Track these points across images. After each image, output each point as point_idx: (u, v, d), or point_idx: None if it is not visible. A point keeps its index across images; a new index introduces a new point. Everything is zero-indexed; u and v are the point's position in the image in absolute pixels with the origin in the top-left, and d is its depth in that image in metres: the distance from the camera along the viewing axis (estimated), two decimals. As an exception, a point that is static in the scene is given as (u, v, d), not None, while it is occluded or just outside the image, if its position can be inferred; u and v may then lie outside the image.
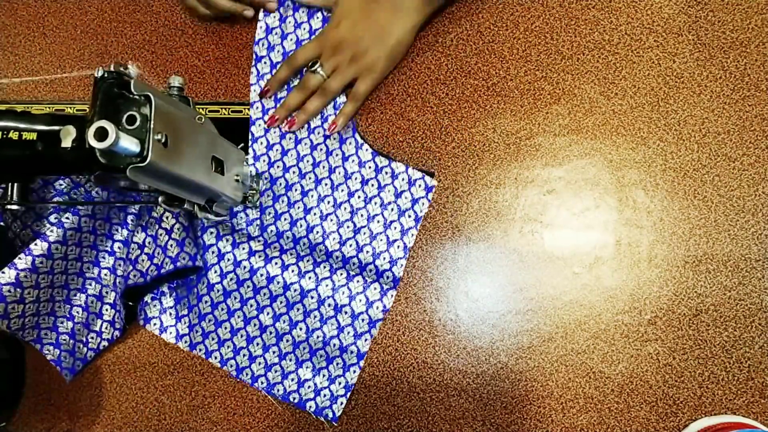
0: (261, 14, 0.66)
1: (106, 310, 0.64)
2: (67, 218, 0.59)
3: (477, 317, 0.62)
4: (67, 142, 0.45)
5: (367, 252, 0.63)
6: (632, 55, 0.64)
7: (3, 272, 0.55)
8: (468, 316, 0.62)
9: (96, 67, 0.45)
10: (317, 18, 0.66)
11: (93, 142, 0.41)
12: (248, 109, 0.66)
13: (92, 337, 0.63)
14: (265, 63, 0.66)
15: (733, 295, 0.60)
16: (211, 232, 0.63)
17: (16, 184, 0.50)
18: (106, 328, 0.64)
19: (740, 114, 0.62)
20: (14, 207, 0.50)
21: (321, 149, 0.64)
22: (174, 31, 0.69)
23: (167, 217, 0.60)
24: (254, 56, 0.66)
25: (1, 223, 0.61)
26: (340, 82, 0.62)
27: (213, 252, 0.63)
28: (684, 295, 0.60)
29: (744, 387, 0.59)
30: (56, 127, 0.46)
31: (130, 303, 0.64)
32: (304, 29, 0.66)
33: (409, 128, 0.65)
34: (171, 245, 0.60)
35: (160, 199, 0.51)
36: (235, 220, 0.65)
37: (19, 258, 0.56)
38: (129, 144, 0.43)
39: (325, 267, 0.62)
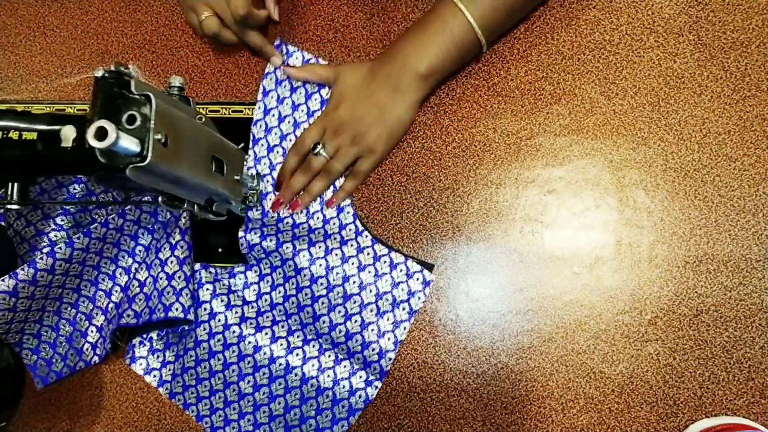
0: (259, 94, 0.65)
1: (92, 331, 0.63)
2: (78, 238, 0.58)
3: (477, 317, 0.62)
4: (67, 142, 0.45)
5: (357, 341, 0.61)
6: (633, 55, 0.63)
7: (3, 280, 0.55)
8: (468, 316, 0.62)
9: (96, 67, 0.45)
10: (315, 99, 0.65)
11: (93, 141, 0.41)
12: (249, 110, 0.66)
13: (71, 354, 0.63)
14: (261, 145, 0.65)
15: (733, 295, 0.60)
16: (207, 289, 0.62)
17: (16, 184, 0.50)
18: (87, 349, 0.63)
19: (741, 114, 0.62)
20: (14, 207, 0.50)
21: (319, 233, 0.63)
22: (175, 30, 0.69)
23: (171, 262, 0.60)
24: (251, 138, 0.65)
25: (2, 223, 0.61)
26: (343, 163, 0.62)
27: (205, 309, 0.62)
28: (684, 296, 0.60)
29: (744, 387, 0.59)
30: (56, 127, 0.46)
31: (119, 343, 0.64)
32: (302, 111, 0.65)
33: (409, 128, 0.65)
34: (168, 292, 0.59)
35: (160, 199, 0.51)
36: (233, 280, 0.64)
37: (22, 269, 0.56)
38: (129, 144, 0.42)
39: (314, 346, 0.61)
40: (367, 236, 0.62)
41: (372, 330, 0.61)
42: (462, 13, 0.57)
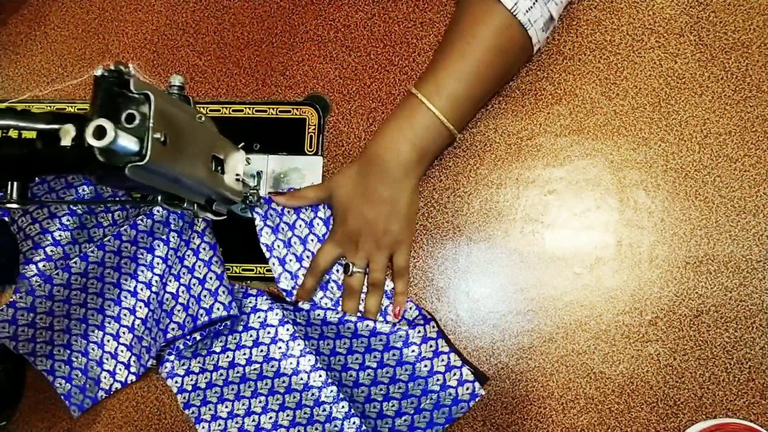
0: (266, 253, 0.61)
1: (121, 351, 0.63)
2: (92, 252, 0.58)
3: (478, 317, 0.62)
4: (66, 141, 0.45)
5: (386, 423, 0.58)
6: (634, 55, 0.63)
7: (21, 297, 0.56)
8: (469, 316, 0.62)
9: (97, 66, 0.45)
10: (318, 225, 0.63)
11: (91, 140, 0.41)
12: (249, 109, 0.66)
13: (104, 377, 0.63)
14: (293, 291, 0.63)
15: (734, 296, 0.60)
16: (279, 313, 0.62)
17: (15, 183, 0.50)
18: (120, 369, 0.63)
19: (741, 115, 0.62)
20: (13, 206, 0.50)
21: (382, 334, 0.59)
22: (175, 30, 0.69)
23: (199, 266, 0.60)
24: (285, 293, 0.62)
25: (6, 218, 0.61)
26: (381, 269, 0.60)
27: (259, 317, 0.62)
28: (685, 296, 0.60)
29: (745, 388, 0.59)
30: (56, 126, 0.46)
31: (161, 353, 0.63)
32: (312, 241, 0.63)
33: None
34: (204, 295, 0.59)
35: (159, 198, 0.51)
36: (290, 314, 0.62)
37: (39, 285, 0.57)
38: (128, 142, 0.42)
39: (343, 407, 0.60)
40: (434, 327, 0.60)
41: (405, 420, 0.58)
42: (427, 108, 0.57)
